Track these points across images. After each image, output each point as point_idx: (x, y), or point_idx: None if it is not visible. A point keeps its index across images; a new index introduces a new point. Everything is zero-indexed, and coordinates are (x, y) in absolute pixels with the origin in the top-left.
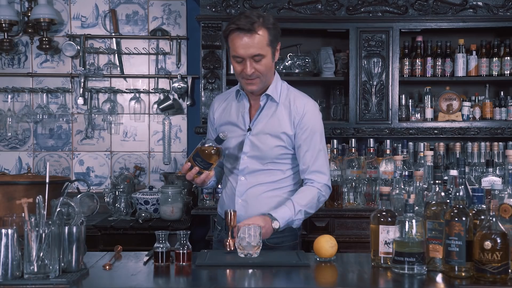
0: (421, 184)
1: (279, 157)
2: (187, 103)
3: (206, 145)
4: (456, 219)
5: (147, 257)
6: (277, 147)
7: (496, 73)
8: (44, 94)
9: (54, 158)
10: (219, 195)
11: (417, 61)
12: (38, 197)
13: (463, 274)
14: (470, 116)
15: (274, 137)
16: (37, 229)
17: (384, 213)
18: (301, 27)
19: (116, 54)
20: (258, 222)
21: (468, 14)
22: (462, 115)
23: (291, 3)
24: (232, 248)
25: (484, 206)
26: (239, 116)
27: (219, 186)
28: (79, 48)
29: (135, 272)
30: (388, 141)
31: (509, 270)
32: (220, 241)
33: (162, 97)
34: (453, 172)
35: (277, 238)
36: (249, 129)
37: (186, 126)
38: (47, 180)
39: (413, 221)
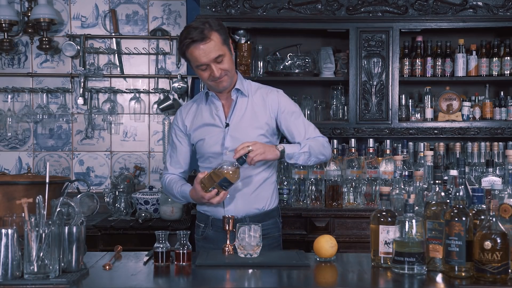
0: (421, 184)
1: None
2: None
3: (233, 168)
4: (456, 219)
5: (147, 257)
6: (259, 136)
7: (496, 73)
8: (44, 94)
9: (54, 158)
10: None
11: (417, 61)
12: (38, 197)
13: (463, 274)
14: (470, 116)
15: (253, 127)
16: (37, 229)
17: (384, 213)
18: (301, 27)
19: (116, 54)
20: (256, 144)
21: (468, 14)
22: (462, 115)
23: (291, 3)
24: (232, 252)
25: (484, 206)
26: (214, 116)
27: None
28: (79, 48)
29: (135, 272)
30: (388, 141)
31: (509, 270)
32: (205, 238)
33: (162, 97)
34: (453, 172)
35: (264, 230)
36: (227, 125)
37: None
38: (47, 180)
39: (413, 221)
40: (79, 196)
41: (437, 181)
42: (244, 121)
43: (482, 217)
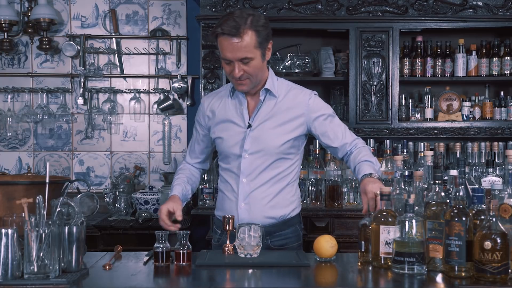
0: (421, 184)
1: (284, 152)
2: (187, 103)
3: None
4: (456, 219)
5: (147, 257)
6: (283, 143)
7: (496, 73)
8: (44, 94)
9: (54, 158)
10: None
11: (417, 61)
12: (38, 197)
13: (463, 274)
14: (470, 116)
15: (277, 132)
16: (37, 229)
17: (384, 213)
18: (301, 27)
19: (116, 54)
20: (374, 186)
21: (468, 14)
22: (462, 115)
23: (291, 3)
24: (232, 252)
25: (484, 206)
26: (237, 113)
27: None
28: (79, 48)
29: (135, 272)
30: (388, 141)
31: (509, 270)
32: (222, 245)
33: (162, 97)
34: (453, 172)
35: (282, 240)
36: (249, 126)
37: (186, 126)
38: (47, 180)
39: (413, 221)
40: (79, 196)
41: (437, 181)
42: (268, 124)
43: (482, 217)
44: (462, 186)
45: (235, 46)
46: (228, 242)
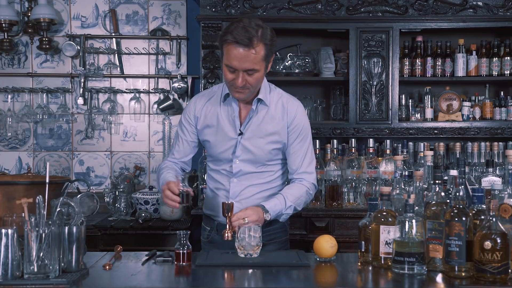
0: (421, 184)
1: (272, 159)
2: (187, 103)
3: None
4: (456, 219)
5: (147, 257)
6: (272, 150)
7: (496, 73)
8: (44, 94)
9: (54, 158)
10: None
11: (417, 61)
12: (38, 197)
13: (463, 274)
14: (470, 116)
15: (267, 140)
16: (37, 229)
17: (384, 213)
18: (301, 27)
19: (116, 54)
20: (252, 216)
21: (468, 14)
22: (462, 115)
23: (291, 3)
24: (230, 238)
25: (484, 206)
26: (229, 120)
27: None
28: (79, 48)
29: (135, 272)
30: (388, 141)
31: (509, 270)
32: (211, 241)
33: (162, 97)
34: (453, 172)
35: (270, 235)
36: (241, 133)
37: None
38: (47, 180)
39: (413, 221)
40: (79, 196)
41: (437, 181)
42: (259, 133)
43: (482, 217)
44: (462, 186)
45: (245, 56)
46: (227, 227)
